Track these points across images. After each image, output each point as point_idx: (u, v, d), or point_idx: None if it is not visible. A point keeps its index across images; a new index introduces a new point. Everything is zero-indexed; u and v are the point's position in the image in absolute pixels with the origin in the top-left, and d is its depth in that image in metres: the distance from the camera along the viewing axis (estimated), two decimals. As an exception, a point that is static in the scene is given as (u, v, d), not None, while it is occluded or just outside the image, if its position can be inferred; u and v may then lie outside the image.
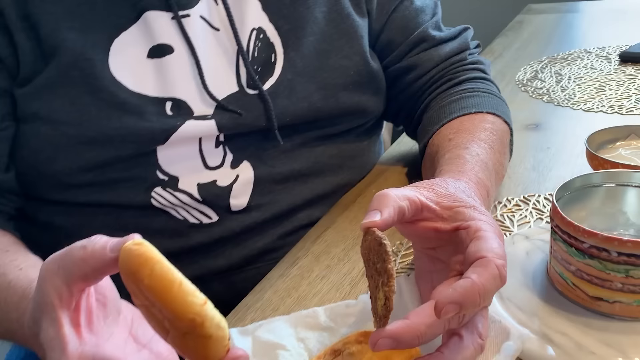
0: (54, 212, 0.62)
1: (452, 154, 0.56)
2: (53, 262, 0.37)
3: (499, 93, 0.72)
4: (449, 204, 0.42)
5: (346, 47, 0.68)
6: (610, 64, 1.02)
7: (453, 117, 0.65)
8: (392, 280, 0.36)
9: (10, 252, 0.52)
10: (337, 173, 0.70)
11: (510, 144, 0.67)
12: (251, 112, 0.62)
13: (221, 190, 0.62)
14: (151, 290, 0.32)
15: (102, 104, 0.57)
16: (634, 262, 0.41)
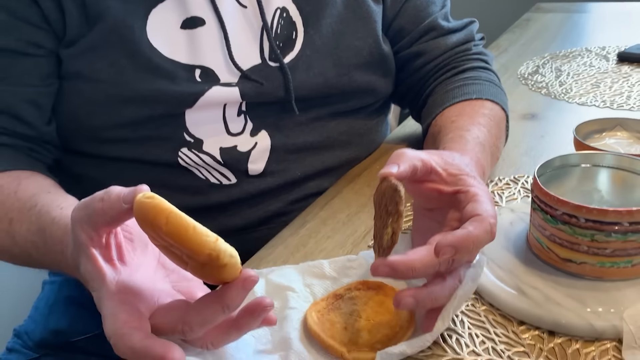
0: (88, 165, 0.69)
1: (455, 134, 0.63)
2: (79, 210, 0.42)
3: (499, 82, 0.78)
4: (454, 171, 0.49)
5: (360, 30, 0.74)
6: (608, 63, 1.08)
7: (455, 102, 0.71)
8: (401, 219, 0.43)
9: (52, 193, 0.58)
10: (346, 148, 0.77)
11: (505, 129, 0.73)
12: (271, 83, 0.68)
13: (241, 155, 0.69)
14: (170, 235, 0.38)
15: (138, 67, 0.64)
16: (599, 227, 0.47)
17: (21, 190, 0.57)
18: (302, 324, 0.49)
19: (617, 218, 0.47)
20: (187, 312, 0.40)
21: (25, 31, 0.63)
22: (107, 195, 0.41)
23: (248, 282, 0.40)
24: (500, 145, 0.69)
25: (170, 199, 0.68)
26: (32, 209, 0.55)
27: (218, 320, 0.41)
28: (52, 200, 0.56)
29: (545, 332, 0.47)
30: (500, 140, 0.68)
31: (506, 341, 0.46)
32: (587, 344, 0.46)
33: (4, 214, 0.56)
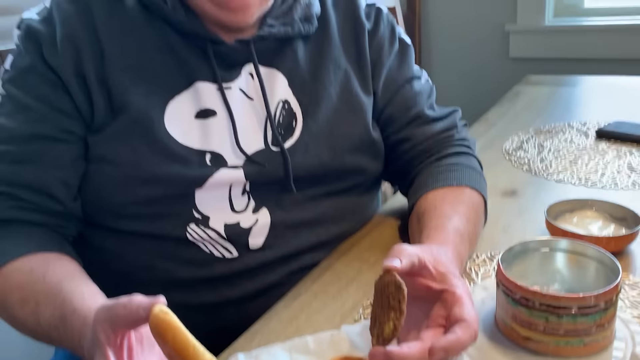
0: (107, 237, 0.77)
1: (437, 222, 0.71)
2: (103, 311, 0.49)
3: (479, 167, 0.86)
4: (442, 270, 0.57)
5: (352, 119, 0.83)
6: (587, 139, 1.16)
7: (438, 186, 0.79)
8: (403, 316, 0.51)
9: (76, 279, 0.64)
10: (339, 224, 0.84)
11: (484, 212, 0.80)
12: (273, 165, 0.77)
13: (243, 231, 0.76)
14: (174, 349, 0.46)
15: (156, 152, 0.72)
16: (552, 311, 0.54)
17: (49, 275, 0.64)
18: None
19: (568, 303, 0.53)
20: None
21: (60, 120, 0.72)
22: (129, 303, 0.48)
23: None
24: (477, 230, 0.76)
25: (177, 271, 0.77)
26: (57, 295, 0.61)
27: None
28: (75, 287, 0.62)
29: (505, 406, 0.53)
30: (477, 225, 0.76)
31: (470, 413, 0.52)
32: (541, 417, 0.51)
33: (32, 297, 0.63)
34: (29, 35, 0.73)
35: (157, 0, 0.74)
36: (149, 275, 0.76)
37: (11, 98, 0.73)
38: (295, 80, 0.80)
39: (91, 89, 0.72)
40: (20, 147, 0.71)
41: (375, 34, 0.87)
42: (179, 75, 0.75)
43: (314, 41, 0.83)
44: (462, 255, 0.66)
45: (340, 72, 0.83)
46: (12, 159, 0.71)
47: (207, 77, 0.75)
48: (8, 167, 0.70)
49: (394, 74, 0.87)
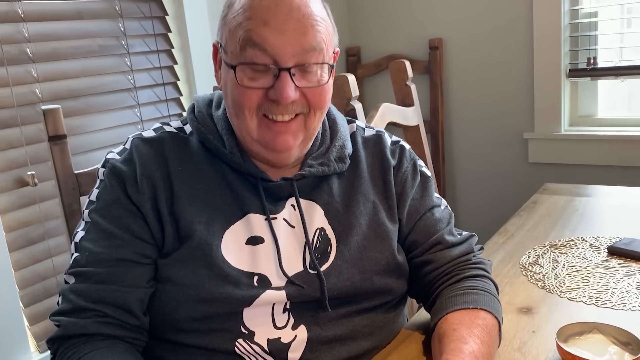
0: (165, 349, 0.87)
1: (455, 346, 0.80)
2: None
3: (494, 289, 0.96)
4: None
5: (379, 245, 0.94)
6: (600, 255, 1.25)
7: (456, 309, 0.89)
8: None
9: None
10: (368, 339, 0.94)
11: (499, 333, 0.89)
12: (311, 286, 0.88)
13: (283, 346, 0.87)
14: None
15: (212, 275, 0.84)
16: None
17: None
18: None
19: None
20: None
21: (140, 246, 0.85)
22: None
23: None
24: (492, 350, 0.85)
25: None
26: None
27: None
28: None
29: None
30: (491, 346, 0.85)
31: None
32: None
33: None
34: (113, 173, 0.88)
35: (218, 145, 0.90)
36: (201, 387, 0.86)
37: (97, 226, 0.86)
38: (330, 211, 0.93)
39: (164, 221, 0.86)
40: (105, 269, 0.84)
41: (400, 169, 1.00)
42: (235, 207, 0.88)
43: (347, 177, 0.96)
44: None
45: (369, 204, 0.96)
46: (98, 279, 0.83)
47: (258, 209, 0.89)
48: (94, 287, 0.83)
49: (417, 204, 1.00)
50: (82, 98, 1.73)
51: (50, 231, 1.63)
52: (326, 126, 0.98)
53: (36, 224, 1.61)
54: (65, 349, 0.82)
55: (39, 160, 1.60)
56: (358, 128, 1.03)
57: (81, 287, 0.84)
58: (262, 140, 0.85)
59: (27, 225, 1.59)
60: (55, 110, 1.14)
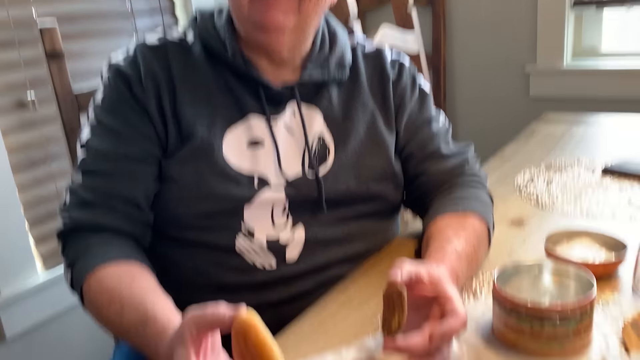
0: (169, 246, 0.91)
1: (439, 245, 0.83)
2: (193, 315, 0.58)
3: (486, 198, 0.98)
4: (435, 281, 0.69)
5: (376, 153, 0.96)
6: (593, 176, 1.26)
7: (446, 213, 0.91)
8: (405, 314, 0.64)
9: (157, 293, 0.74)
10: (362, 242, 0.97)
11: (487, 236, 0.92)
12: (309, 188, 0.91)
13: (281, 246, 0.90)
14: (253, 346, 0.55)
15: (214, 174, 0.86)
16: (536, 319, 0.65)
17: (135, 284, 0.75)
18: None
19: (549, 312, 0.64)
20: None
21: (146, 144, 0.87)
22: (217, 310, 0.57)
23: None
24: (478, 251, 0.88)
25: (226, 276, 0.91)
26: (140, 303, 0.72)
27: None
28: (157, 300, 0.73)
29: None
30: (477, 247, 0.87)
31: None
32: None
33: (119, 300, 0.73)
34: (118, 75, 0.89)
35: (220, 48, 0.90)
36: (203, 281, 0.90)
37: (103, 125, 0.88)
38: (329, 118, 0.94)
39: (167, 121, 0.87)
40: (114, 165, 0.86)
41: (399, 83, 1.01)
42: (236, 108, 0.90)
43: (346, 88, 0.97)
44: (457, 270, 0.78)
45: (367, 112, 0.97)
46: (106, 175, 0.86)
47: (258, 111, 0.90)
48: (102, 181, 0.85)
49: (414, 117, 1.01)
50: (79, 22, 1.71)
51: (52, 155, 1.65)
52: (326, 35, 0.98)
53: (38, 147, 1.63)
54: (76, 239, 0.85)
55: (38, 82, 1.60)
56: (359, 43, 1.02)
57: (89, 182, 0.86)
58: (252, 17, 0.85)
59: (29, 148, 1.61)
60: (52, 28, 1.14)
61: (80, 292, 0.81)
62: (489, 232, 0.92)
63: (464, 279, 0.83)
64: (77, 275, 0.81)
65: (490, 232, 0.93)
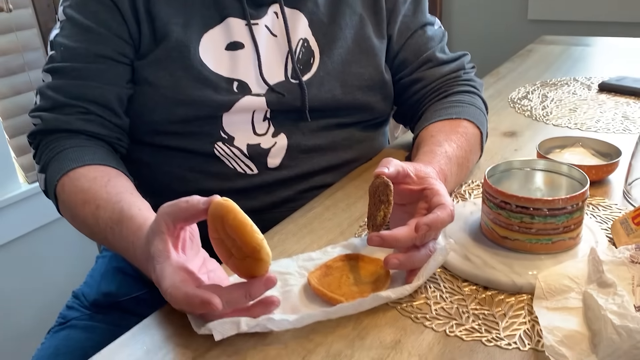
0: (144, 152, 0.87)
1: (428, 148, 0.80)
2: (167, 206, 0.57)
3: (481, 104, 0.95)
4: (422, 175, 0.67)
5: (364, 61, 0.92)
6: (590, 92, 1.23)
7: (438, 120, 0.88)
8: (391, 206, 0.61)
9: (133, 195, 0.72)
10: (347, 151, 0.94)
11: (480, 143, 0.89)
12: (291, 95, 0.87)
13: (263, 151, 0.87)
14: (233, 229, 0.52)
15: (191, 78, 0.82)
16: (526, 212, 0.63)
17: (110, 186, 0.72)
18: (303, 291, 0.64)
19: (539, 205, 0.63)
20: (221, 290, 0.55)
21: (118, 44, 0.82)
22: (190, 198, 0.56)
23: (269, 281, 0.55)
24: (470, 156, 0.85)
25: (205, 183, 0.89)
26: (116, 202, 0.69)
27: (240, 305, 0.55)
28: (133, 201, 0.70)
29: (480, 287, 0.63)
30: (469, 153, 0.85)
31: (450, 291, 0.63)
32: (510, 296, 0.62)
33: (94, 200, 0.71)
34: None
35: None
36: (180, 187, 0.87)
37: (73, 21, 0.82)
38: (314, 22, 0.89)
39: (140, 19, 0.82)
40: (84, 64, 0.81)
41: None
42: (214, 10, 0.84)
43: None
44: (445, 172, 0.75)
45: (355, 17, 0.92)
46: (76, 75, 0.81)
47: (238, 14, 0.85)
48: (73, 82, 0.81)
49: (408, 21, 0.96)
50: None
51: (30, 63, 1.59)
52: None
53: (14, 54, 1.56)
54: (48, 142, 0.81)
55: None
56: None
57: (60, 83, 0.81)
58: None
59: (5, 54, 1.55)
60: None
61: (55, 196, 0.77)
62: (481, 138, 0.89)
63: (454, 183, 0.81)
64: (51, 177, 0.78)
65: (483, 139, 0.90)
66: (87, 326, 0.93)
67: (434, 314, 0.60)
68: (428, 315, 0.59)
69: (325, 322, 0.59)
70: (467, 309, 0.60)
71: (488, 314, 0.59)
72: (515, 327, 0.57)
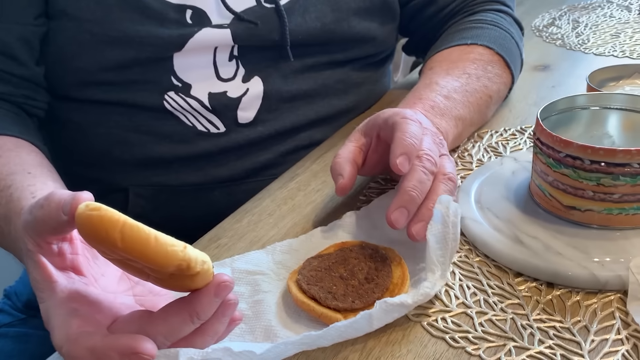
0: (73, 110, 0.66)
1: (422, 82, 0.63)
2: (26, 214, 0.37)
3: (509, 24, 0.73)
4: (389, 122, 0.50)
5: None
6: (630, 13, 1.01)
7: (449, 46, 0.68)
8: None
9: (32, 174, 0.53)
10: (341, 98, 0.73)
11: (506, 71, 0.68)
12: (266, 24, 0.65)
13: (230, 101, 0.66)
14: (128, 251, 0.32)
15: (125, 6, 0.61)
16: (605, 170, 0.43)
17: (0, 164, 0.53)
18: (282, 301, 0.44)
19: (626, 159, 0.42)
20: (151, 321, 0.35)
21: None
22: (46, 202, 0.36)
23: (221, 288, 0.35)
24: (487, 89, 0.65)
25: (155, 146, 0.66)
26: (4, 190, 0.51)
27: (186, 332, 0.35)
28: (28, 184, 0.51)
29: (543, 284, 0.43)
30: (489, 83, 0.65)
31: (500, 293, 0.43)
32: (589, 295, 0.42)
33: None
34: None
35: None
36: (122, 153, 0.66)
37: None
38: None
39: None
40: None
41: None
42: None
43: None
44: (441, 107, 0.58)
45: None
46: None
47: None
48: None
49: None
50: None
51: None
52: None
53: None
54: None
55: None
56: None
57: None
58: None
59: None
60: None
61: None
62: (508, 65, 0.68)
63: (467, 122, 0.62)
64: None
65: (512, 67, 0.69)
66: (20, 334, 0.73)
67: (479, 332, 0.40)
68: (471, 336, 0.39)
69: (318, 351, 0.39)
70: (529, 321, 0.40)
71: (562, 329, 0.39)
72: (608, 350, 0.37)
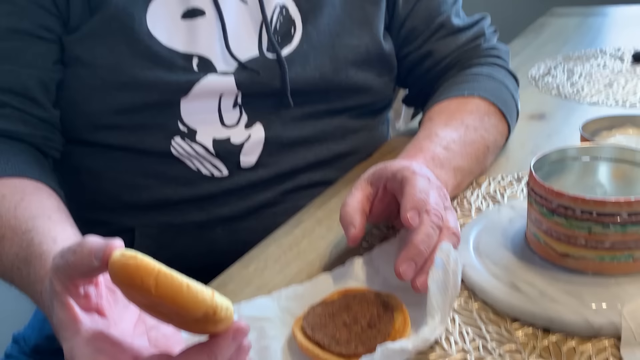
0: (84, 154, 0.69)
1: (422, 133, 0.65)
2: (58, 258, 0.39)
3: (504, 76, 0.76)
4: (399, 176, 0.51)
5: (356, 31, 0.74)
6: (623, 63, 1.05)
7: (447, 98, 0.71)
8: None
9: (52, 218, 0.55)
10: (339, 143, 0.76)
11: (502, 122, 0.71)
12: (268, 73, 0.69)
13: (234, 147, 0.69)
14: (161, 297, 0.34)
15: (136, 54, 0.64)
16: (596, 219, 0.45)
17: (21, 208, 0.55)
18: (288, 348, 0.46)
19: (615, 209, 0.44)
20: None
21: (39, 15, 0.64)
22: (79, 248, 0.38)
23: (239, 333, 0.38)
24: (485, 140, 0.67)
25: (162, 189, 0.70)
26: (26, 233, 0.52)
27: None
28: (49, 229, 0.53)
29: (539, 330, 0.45)
30: (486, 134, 0.67)
31: (498, 338, 0.44)
32: (584, 341, 0.43)
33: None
34: None
35: None
36: (131, 197, 0.69)
37: None
38: None
39: None
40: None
41: None
42: None
43: None
44: (441, 159, 0.60)
45: None
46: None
47: None
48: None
49: None
50: None
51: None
52: None
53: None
54: None
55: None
56: None
57: None
58: None
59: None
60: None
61: None
62: (504, 117, 0.71)
63: (466, 172, 0.64)
64: None
65: (508, 118, 0.72)
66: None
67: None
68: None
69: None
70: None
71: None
72: (602, 395, 0.39)
